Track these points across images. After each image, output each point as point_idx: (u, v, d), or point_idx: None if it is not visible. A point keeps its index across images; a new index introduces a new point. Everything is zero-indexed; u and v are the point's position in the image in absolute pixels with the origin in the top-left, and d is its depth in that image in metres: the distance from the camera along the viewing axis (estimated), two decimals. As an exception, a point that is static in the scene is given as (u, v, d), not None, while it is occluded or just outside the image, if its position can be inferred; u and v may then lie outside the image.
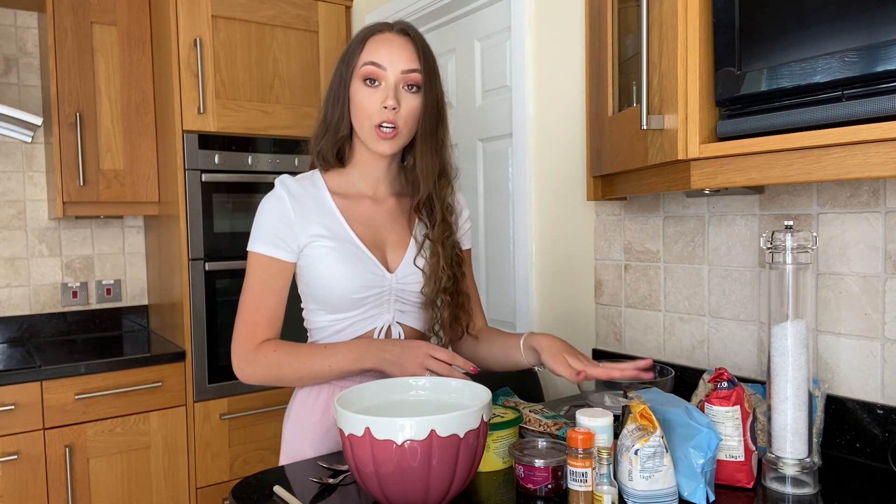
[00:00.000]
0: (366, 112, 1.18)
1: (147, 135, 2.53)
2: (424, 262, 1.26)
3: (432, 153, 1.23)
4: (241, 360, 1.20)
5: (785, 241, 1.01)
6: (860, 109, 0.87)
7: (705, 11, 1.06)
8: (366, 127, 1.19)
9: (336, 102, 1.22)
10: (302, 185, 1.24)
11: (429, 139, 1.22)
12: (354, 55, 1.20)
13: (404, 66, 1.17)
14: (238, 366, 1.21)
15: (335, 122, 1.23)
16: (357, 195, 1.27)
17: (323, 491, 1.05)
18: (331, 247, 1.20)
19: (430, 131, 1.22)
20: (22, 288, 2.64)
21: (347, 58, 1.22)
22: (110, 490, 2.24)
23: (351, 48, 1.22)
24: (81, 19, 2.40)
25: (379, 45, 1.18)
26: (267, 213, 1.21)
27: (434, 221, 1.26)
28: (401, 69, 1.17)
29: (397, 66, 1.17)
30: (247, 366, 1.20)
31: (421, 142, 1.22)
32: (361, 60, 1.18)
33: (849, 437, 1.20)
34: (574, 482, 0.93)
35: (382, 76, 1.17)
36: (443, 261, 1.24)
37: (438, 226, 1.25)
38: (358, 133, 1.22)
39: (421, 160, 1.23)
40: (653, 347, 1.58)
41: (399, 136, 1.19)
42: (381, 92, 1.17)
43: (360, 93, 1.18)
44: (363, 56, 1.18)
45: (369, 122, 1.18)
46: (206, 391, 2.36)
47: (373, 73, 1.17)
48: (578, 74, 1.77)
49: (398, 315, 1.27)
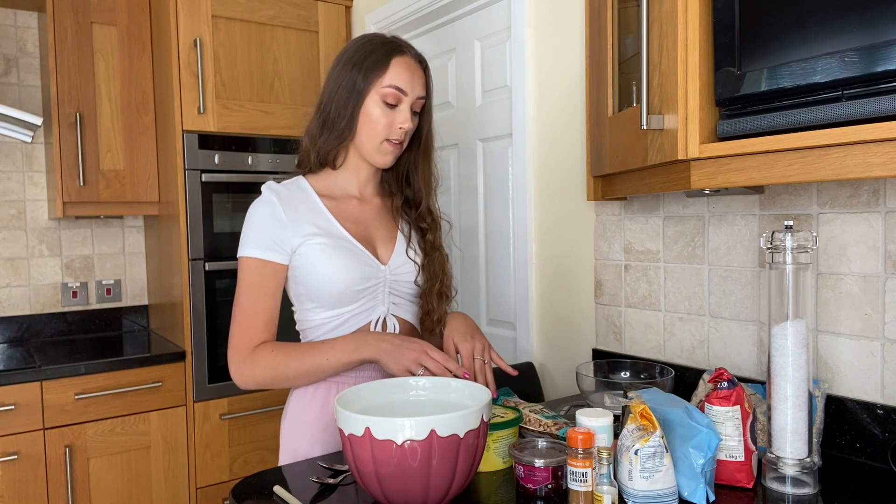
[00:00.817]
0: (379, 128, 1.24)
1: (147, 135, 2.53)
2: (415, 253, 1.32)
3: (430, 166, 1.36)
4: (239, 364, 1.20)
5: (785, 241, 1.01)
6: (860, 109, 0.87)
7: (705, 11, 1.06)
8: (374, 141, 1.25)
9: (345, 109, 1.24)
10: (289, 188, 1.27)
11: (429, 154, 1.35)
12: (376, 72, 1.23)
13: (419, 92, 1.27)
14: (236, 371, 1.20)
15: (341, 129, 1.25)
16: (344, 196, 1.31)
17: (323, 491, 1.05)
18: (324, 243, 1.22)
19: (429, 147, 1.34)
20: (22, 288, 2.64)
21: (366, 70, 1.23)
22: (110, 490, 2.24)
23: (370, 61, 1.23)
24: (81, 19, 2.40)
25: (403, 70, 1.24)
26: (258, 217, 1.23)
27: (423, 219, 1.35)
28: (416, 95, 1.27)
29: (415, 93, 1.26)
30: (245, 369, 1.20)
31: (423, 157, 1.34)
32: (386, 81, 1.23)
33: (849, 437, 1.20)
34: (574, 482, 0.93)
35: (403, 100, 1.25)
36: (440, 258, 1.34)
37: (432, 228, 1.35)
38: (362, 144, 1.26)
39: (423, 173, 1.35)
40: (653, 347, 1.58)
41: (399, 150, 1.29)
42: (399, 114, 1.25)
43: (377, 110, 1.24)
44: (388, 78, 1.23)
45: (379, 137, 1.25)
46: (206, 391, 2.36)
47: (396, 98, 1.24)
48: (578, 74, 1.77)
49: (392, 308, 1.30)
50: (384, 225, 1.33)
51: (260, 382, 1.20)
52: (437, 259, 1.33)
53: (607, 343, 1.71)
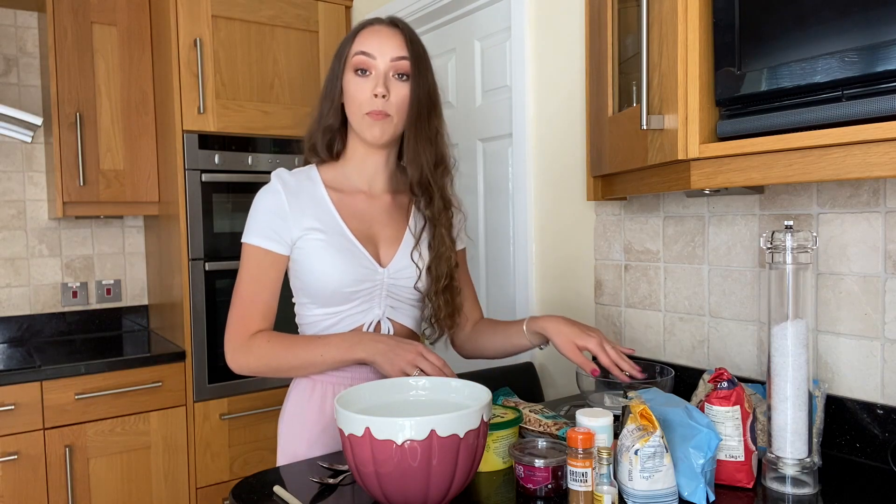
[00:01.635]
0: (357, 101, 1.20)
1: (147, 135, 2.53)
2: (419, 255, 1.27)
3: (426, 142, 1.23)
4: (234, 351, 1.21)
5: (785, 241, 1.01)
6: (860, 109, 0.87)
7: (705, 11, 1.06)
8: (357, 116, 1.21)
9: (328, 95, 1.26)
10: (297, 178, 1.26)
11: (423, 127, 1.22)
12: (346, 48, 1.24)
13: (393, 53, 1.20)
14: (231, 357, 1.22)
15: (325, 113, 1.26)
16: (352, 189, 1.28)
17: (323, 491, 1.05)
18: (322, 240, 1.21)
19: (423, 119, 1.22)
20: (22, 288, 2.64)
21: (339, 52, 1.25)
22: (110, 490, 2.24)
23: (343, 43, 1.25)
24: (81, 19, 2.40)
25: (369, 36, 1.21)
26: (262, 205, 1.22)
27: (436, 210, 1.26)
28: (390, 57, 1.20)
29: (386, 55, 1.20)
30: (240, 356, 1.21)
31: (415, 131, 1.22)
32: (352, 51, 1.21)
33: (849, 437, 1.20)
34: (574, 482, 0.93)
35: (372, 65, 1.20)
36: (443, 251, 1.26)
37: (436, 221, 1.26)
38: (352, 123, 1.24)
39: (416, 148, 1.23)
40: (653, 347, 1.58)
41: (390, 123, 1.21)
42: (370, 81, 1.20)
43: (352, 83, 1.21)
44: (354, 47, 1.22)
45: (360, 110, 1.20)
46: (206, 391, 2.36)
47: (363, 63, 1.20)
48: (578, 74, 1.77)
49: (389, 311, 1.28)
50: (391, 224, 1.29)
51: (253, 370, 1.21)
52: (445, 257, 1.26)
53: (607, 343, 1.70)
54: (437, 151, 1.26)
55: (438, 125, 1.26)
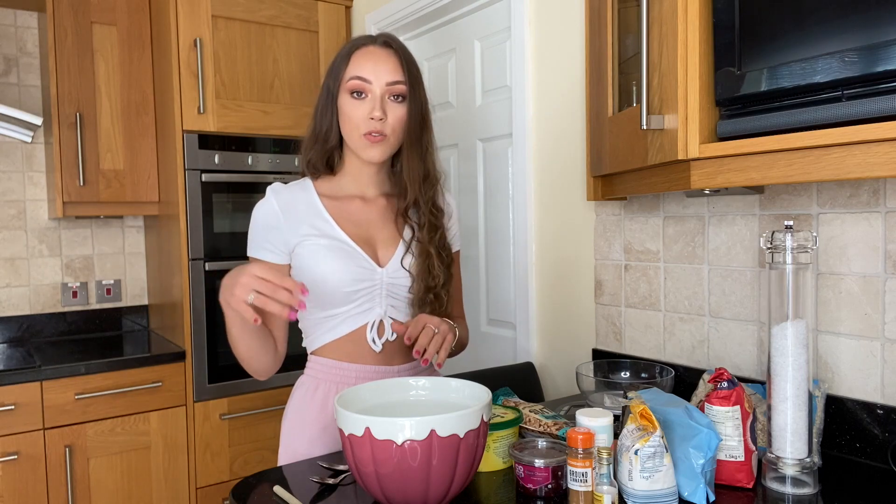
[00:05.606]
0: (353, 122, 1.22)
1: (147, 135, 2.53)
2: (412, 262, 1.28)
3: (418, 159, 1.27)
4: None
5: (785, 241, 1.01)
6: (860, 109, 0.87)
7: (705, 11, 1.06)
8: (354, 137, 1.23)
9: (325, 114, 1.27)
10: (291, 190, 1.29)
11: (415, 145, 1.27)
12: (340, 69, 1.25)
13: (389, 78, 1.22)
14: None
15: (324, 133, 1.28)
16: (346, 197, 1.31)
17: (323, 491, 1.05)
18: (321, 244, 1.23)
19: (415, 138, 1.27)
20: (22, 288, 2.64)
21: (334, 71, 1.26)
22: (110, 490, 2.24)
23: (337, 62, 1.27)
24: (81, 19, 2.40)
25: (363, 60, 1.23)
26: (257, 219, 1.27)
27: (422, 225, 1.29)
28: (386, 81, 1.22)
29: (382, 79, 1.22)
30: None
31: (407, 148, 1.27)
32: (348, 75, 1.23)
33: (849, 437, 1.20)
34: (574, 482, 0.93)
35: (368, 89, 1.22)
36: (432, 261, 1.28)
37: (426, 228, 1.29)
38: (348, 143, 1.26)
39: (408, 165, 1.27)
40: (653, 347, 1.58)
41: (387, 143, 1.24)
42: (367, 104, 1.22)
43: (348, 105, 1.23)
44: (349, 70, 1.23)
45: (357, 131, 1.23)
46: (206, 391, 2.36)
47: (359, 87, 1.22)
48: (578, 74, 1.77)
49: (390, 310, 1.28)
50: (387, 226, 1.31)
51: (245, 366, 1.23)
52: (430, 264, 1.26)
53: (607, 343, 1.71)
54: (426, 167, 1.29)
55: (428, 139, 1.30)
